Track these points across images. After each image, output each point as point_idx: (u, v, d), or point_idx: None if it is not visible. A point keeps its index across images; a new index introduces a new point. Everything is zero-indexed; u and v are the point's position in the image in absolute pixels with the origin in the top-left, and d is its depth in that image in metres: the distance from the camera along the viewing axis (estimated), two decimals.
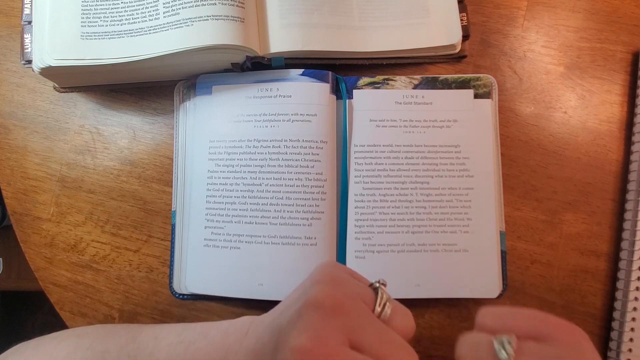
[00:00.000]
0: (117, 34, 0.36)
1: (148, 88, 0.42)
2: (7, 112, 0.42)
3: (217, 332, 0.27)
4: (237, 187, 0.37)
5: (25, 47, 0.37)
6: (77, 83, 0.41)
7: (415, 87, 0.39)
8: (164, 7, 0.36)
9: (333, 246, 0.37)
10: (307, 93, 0.38)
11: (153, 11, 0.36)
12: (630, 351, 0.36)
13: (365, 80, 0.39)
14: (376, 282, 0.25)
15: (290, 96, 0.38)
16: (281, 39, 0.38)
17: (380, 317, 0.23)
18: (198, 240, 0.37)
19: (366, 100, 0.39)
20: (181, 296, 0.38)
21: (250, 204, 0.37)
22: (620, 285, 0.37)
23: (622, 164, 0.39)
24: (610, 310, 0.38)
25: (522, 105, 0.40)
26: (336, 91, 0.39)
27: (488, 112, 0.39)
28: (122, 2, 0.36)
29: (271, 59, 0.39)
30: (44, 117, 0.42)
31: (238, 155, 0.38)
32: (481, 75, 0.39)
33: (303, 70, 0.38)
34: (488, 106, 0.39)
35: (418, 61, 0.41)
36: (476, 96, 0.39)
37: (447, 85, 0.39)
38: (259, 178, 0.37)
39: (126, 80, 0.41)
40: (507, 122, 0.40)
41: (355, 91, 0.39)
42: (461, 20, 0.39)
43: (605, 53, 0.41)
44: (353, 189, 0.38)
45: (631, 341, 0.36)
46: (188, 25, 0.35)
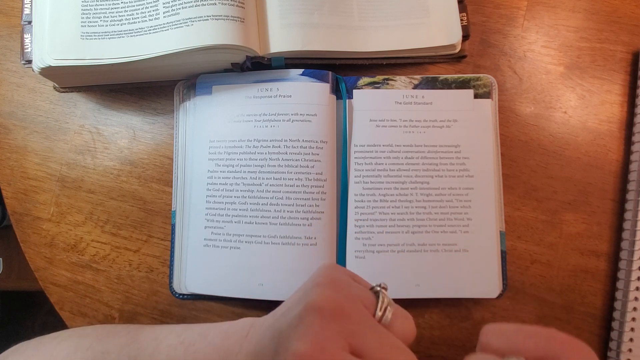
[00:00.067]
0: (117, 34, 0.36)
1: (148, 88, 0.42)
2: (7, 112, 0.42)
3: (218, 334, 0.27)
4: (237, 187, 0.37)
5: (25, 47, 0.37)
6: (77, 83, 0.41)
7: (415, 87, 0.39)
8: (164, 7, 0.36)
9: (333, 246, 0.37)
10: (307, 93, 0.38)
11: (153, 11, 0.36)
12: (630, 351, 0.36)
13: (365, 80, 0.39)
14: (377, 286, 0.25)
15: (290, 96, 0.38)
16: (281, 39, 0.38)
17: (381, 322, 0.23)
18: (198, 240, 0.37)
19: (366, 100, 0.39)
20: (181, 296, 0.38)
21: (250, 204, 0.37)
22: (620, 285, 0.37)
23: (622, 164, 0.39)
24: (610, 310, 0.38)
25: (522, 105, 0.40)
26: (336, 91, 0.39)
27: (488, 112, 0.39)
28: (122, 2, 0.36)
29: (271, 59, 0.39)
30: (44, 117, 0.42)
31: (238, 155, 0.38)
32: (481, 75, 0.39)
33: (303, 70, 0.38)
34: (488, 106, 0.39)
35: (418, 61, 0.41)
36: (476, 96, 0.39)
37: (447, 85, 0.39)
38: (259, 178, 0.37)
39: (126, 80, 0.41)
40: (507, 122, 0.40)
41: (355, 91, 0.39)
42: (461, 20, 0.39)
43: (605, 53, 0.41)
44: (353, 189, 0.38)
45: (631, 341, 0.36)
46: (188, 25, 0.35)
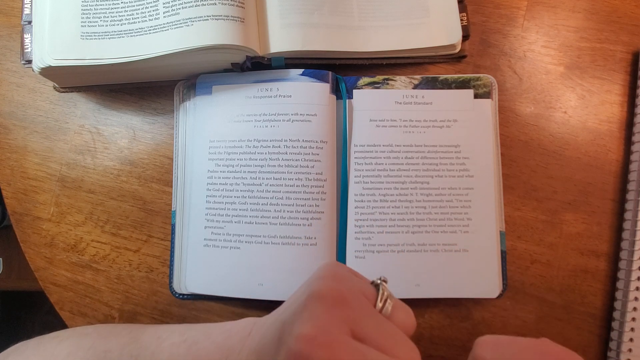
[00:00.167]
0: (117, 34, 0.36)
1: (148, 88, 0.42)
2: (7, 112, 0.42)
3: (220, 333, 0.27)
4: (237, 187, 0.37)
5: (25, 47, 0.37)
6: (77, 83, 0.41)
7: (415, 87, 0.39)
8: (164, 7, 0.36)
9: (333, 246, 0.37)
10: (307, 93, 0.38)
11: (153, 11, 0.36)
12: (630, 351, 0.36)
13: (365, 80, 0.39)
14: (377, 279, 0.25)
15: (290, 96, 0.38)
16: (281, 39, 0.38)
17: (381, 313, 0.24)
18: (198, 240, 0.37)
19: (366, 100, 0.39)
20: (181, 296, 0.38)
21: (250, 204, 0.37)
22: (620, 285, 0.37)
23: (622, 164, 0.39)
24: (610, 310, 0.38)
25: (522, 105, 0.40)
26: (336, 91, 0.39)
27: (488, 112, 0.39)
28: (122, 2, 0.36)
29: (271, 59, 0.39)
30: (44, 117, 0.42)
31: (238, 155, 0.38)
32: (481, 75, 0.39)
33: (303, 70, 0.38)
34: (488, 106, 0.39)
35: (418, 61, 0.41)
36: (476, 96, 0.39)
37: (447, 85, 0.39)
38: (259, 178, 0.37)
39: (126, 80, 0.41)
40: (507, 122, 0.40)
41: (355, 91, 0.39)
42: (461, 20, 0.39)
43: (605, 53, 0.41)
44: (353, 189, 0.38)
45: (631, 341, 0.36)
46: (188, 25, 0.35)
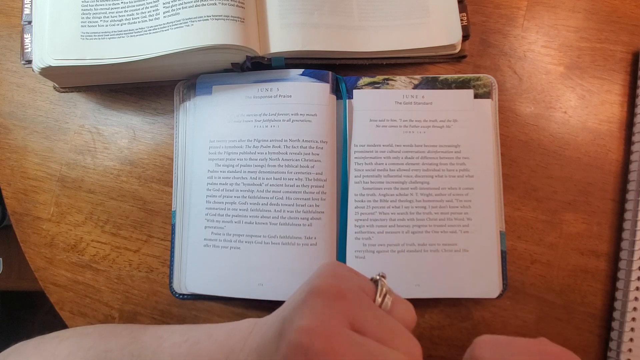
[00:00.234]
0: (117, 34, 0.36)
1: (148, 88, 0.42)
2: (7, 112, 0.42)
3: (222, 333, 0.27)
4: (237, 187, 0.37)
5: (25, 47, 0.37)
6: (77, 83, 0.41)
7: (415, 87, 0.39)
8: (164, 7, 0.36)
9: (333, 246, 0.37)
10: (307, 93, 0.38)
11: (153, 11, 0.36)
12: (630, 351, 0.36)
13: (365, 80, 0.39)
14: (376, 275, 0.25)
15: (290, 96, 0.38)
16: (281, 39, 0.38)
17: (381, 308, 0.24)
18: (198, 240, 0.37)
19: (366, 100, 0.39)
20: (181, 296, 0.38)
21: (250, 204, 0.37)
22: (620, 285, 0.37)
23: (622, 164, 0.39)
24: (610, 310, 0.38)
25: (522, 105, 0.40)
26: (336, 91, 0.39)
27: (488, 112, 0.39)
28: (122, 2, 0.36)
29: (271, 59, 0.39)
30: (44, 117, 0.42)
31: (238, 155, 0.38)
32: (481, 75, 0.39)
33: (303, 70, 0.38)
34: (488, 106, 0.39)
35: (418, 61, 0.41)
36: (476, 96, 0.39)
37: (447, 85, 0.39)
38: (259, 178, 0.37)
39: (126, 80, 0.41)
40: (507, 122, 0.40)
41: (355, 91, 0.39)
42: (461, 20, 0.39)
43: (605, 53, 0.41)
44: (353, 189, 0.38)
45: (631, 341, 0.36)
46: (188, 25, 0.35)
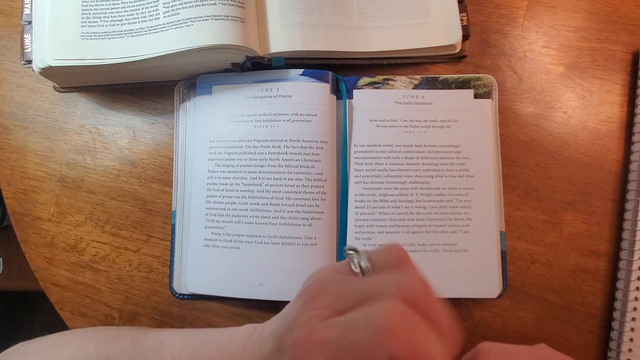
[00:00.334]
0: (117, 34, 0.36)
1: (148, 88, 0.42)
2: (7, 112, 0.42)
3: (223, 339, 0.27)
4: (237, 187, 0.37)
5: (25, 47, 0.37)
6: (77, 83, 0.41)
7: (415, 87, 0.39)
8: (164, 7, 0.36)
9: (333, 246, 0.37)
10: (307, 93, 0.38)
11: (153, 11, 0.36)
12: (630, 351, 0.36)
13: (365, 80, 0.39)
14: (346, 251, 0.25)
15: (290, 96, 0.38)
16: (281, 39, 0.38)
17: (364, 275, 0.24)
18: (198, 240, 0.37)
19: (366, 100, 0.39)
20: (181, 296, 0.38)
21: (250, 204, 0.37)
22: (620, 285, 0.37)
23: (622, 164, 0.39)
24: (610, 310, 0.38)
25: (522, 105, 0.40)
26: (336, 91, 0.39)
27: (488, 112, 0.39)
28: (122, 2, 0.36)
29: (271, 59, 0.39)
30: (44, 117, 0.42)
31: (238, 155, 0.38)
32: (481, 75, 0.39)
33: (303, 70, 0.38)
34: (488, 106, 0.39)
35: (418, 61, 0.41)
36: (476, 96, 0.39)
37: (447, 85, 0.39)
38: (259, 178, 0.37)
39: (126, 80, 0.41)
40: (507, 122, 0.40)
41: (355, 91, 0.39)
42: (461, 20, 0.39)
43: (605, 53, 0.41)
44: (353, 189, 0.38)
45: (631, 341, 0.36)
46: (188, 25, 0.35)
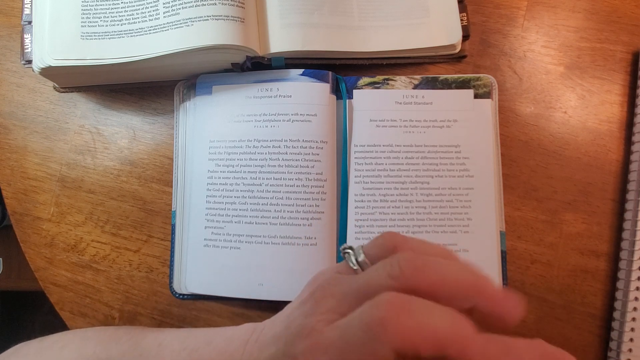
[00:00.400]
0: (117, 34, 0.36)
1: (148, 88, 0.42)
2: (7, 112, 0.42)
3: (222, 340, 0.27)
4: (237, 187, 0.37)
5: (25, 47, 0.37)
6: (77, 83, 0.41)
7: (415, 87, 0.39)
8: (164, 7, 0.36)
9: (333, 246, 0.37)
10: (307, 93, 0.38)
11: (153, 11, 0.36)
12: (630, 351, 0.36)
13: (365, 80, 0.39)
14: (342, 251, 0.26)
15: (290, 96, 0.38)
16: (281, 39, 0.38)
17: (363, 269, 0.24)
18: (198, 240, 0.37)
19: (366, 100, 0.39)
20: (181, 296, 0.38)
21: (250, 204, 0.37)
22: (620, 285, 0.37)
23: (622, 164, 0.39)
24: (610, 310, 0.38)
25: (522, 105, 0.40)
26: (336, 91, 0.39)
27: (488, 112, 0.39)
28: (122, 2, 0.36)
29: (271, 59, 0.39)
30: (44, 117, 0.42)
31: (238, 155, 0.38)
32: (481, 75, 0.39)
33: (303, 70, 0.38)
34: (488, 106, 0.39)
35: (418, 61, 0.41)
36: (476, 96, 0.39)
37: (447, 85, 0.39)
38: (259, 178, 0.37)
39: (126, 80, 0.41)
40: (507, 122, 0.40)
41: (355, 91, 0.39)
42: (461, 20, 0.39)
43: (605, 53, 0.41)
44: (353, 189, 0.38)
45: (631, 341, 0.36)
46: (188, 25, 0.35)
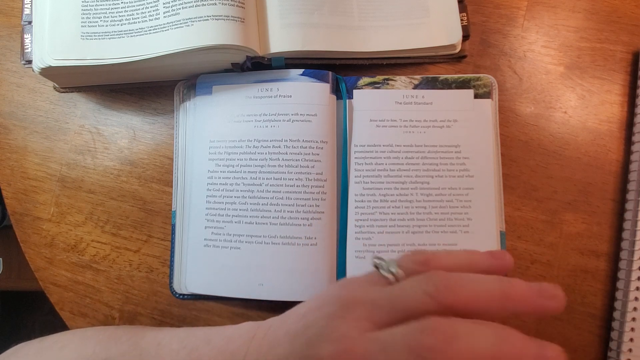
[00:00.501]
0: (117, 34, 0.36)
1: (148, 88, 0.42)
2: (7, 112, 0.42)
3: (221, 338, 0.27)
4: (237, 187, 0.37)
5: (25, 47, 0.37)
6: (77, 83, 0.41)
7: (415, 87, 0.39)
8: (164, 7, 0.36)
9: (333, 246, 0.37)
10: (307, 93, 0.38)
11: (153, 11, 0.36)
12: (630, 351, 0.36)
13: (365, 80, 0.39)
14: (373, 261, 0.25)
15: (290, 96, 0.38)
16: (281, 39, 0.38)
17: (398, 280, 0.24)
18: (198, 240, 0.37)
19: (366, 100, 0.39)
20: (181, 296, 0.38)
21: (250, 204, 0.37)
22: (620, 285, 0.37)
23: (622, 164, 0.39)
24: (610, 310, 0.38)
25: (522, 105, 0.40)
26: (336, 91, 0.39)
27: (488, 112, 0.39)
28: (122, 2, 0.36)
29: (271, 59, 0.39)
30: (44, 117, 0.42)
31: (238, 155, 0.38)
32: (481, 75, 0.39)
33: (303, 70, 0.38)
34: (488, 106, 0.39)
35: (418, 61, 0.41)
36: (476, 96, 0.39)
37: (447, 85, 0.39)
38: (259, 178, 0.37)
39: (126, 80, 0.41)
40: (507, 122, 0.40)
41: (355, 91, 0.39)
42: (461, 20, 0.39)
43: (605, 53, 0.41)
44: (353, 189, 0.38)
45: (631, 341, 0.36)
46: (188, 25, 0.35)
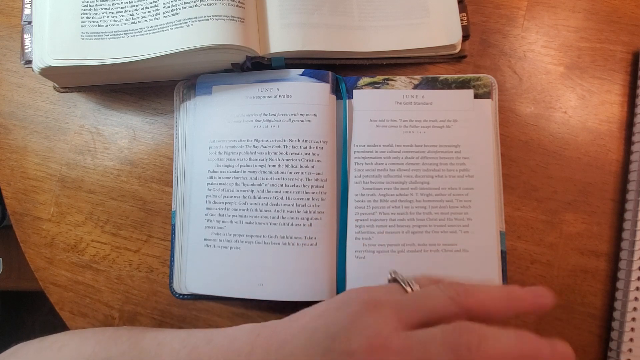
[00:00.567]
0: (117, 34, 0.36)
1: (148, 88, 0.42)
2: (7, 112, 0.42)
3: (223, 338, 0.27)
4: (237, 187, 0.37)
5: (25, 47, 0.37)
6: (77, 83, 0.41)
7: (415, 87, 0.39)
8: (164, 7, 0.36)
9: (333, 246, 0.37)
10: (307, 93, 0.38)
11: (153, 11, 0.36)
12: (630, 351, 0.36)
13: (365, 80, 0.39)
14: (390, 275, 0.27)
15: (290, 96, 0.38)
16: (281, 39, 0.38)
17: (414, 292, 0.26)
18: (198, 240, 0.37)
19: (366, 100, 0.39)
20: (181, 296, 0.38)
21: (250, 204, 0.37)
22: (620, 285, 0.37)
23: (622, 164, 0.39)
24: (610, 310, 0.38)
25: (522, 105, 0.40)
26: (336, 91, 0.39)
27: (488, 112, 0.39)
28: (122, 2, 0.36)
29: (271, 59, 0.39)
30: (44, 117, 0.42)
31: (238, 155, 0.38)
32: (481, 75, 0.39)
33: (303, 70, 0.38)
34: (488, 106, 0.39)
35: (418, 61, 0.41)
36: (476, 96, 0.39)
37: (447, 85, 0.39)
38: (259, 178, 0.37)
39: (126, 80, 0.41)
40: (507, 122, 0.40)
41: (355, 91, 0.39)
42: (461, 20, 0.39)
43: (605, 53, 0.41)
44: (353, 189, 0.38)
45: (631, 341, 0.36)
46: (188, 25, 0.35)
